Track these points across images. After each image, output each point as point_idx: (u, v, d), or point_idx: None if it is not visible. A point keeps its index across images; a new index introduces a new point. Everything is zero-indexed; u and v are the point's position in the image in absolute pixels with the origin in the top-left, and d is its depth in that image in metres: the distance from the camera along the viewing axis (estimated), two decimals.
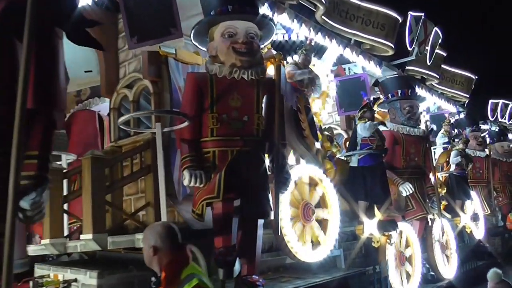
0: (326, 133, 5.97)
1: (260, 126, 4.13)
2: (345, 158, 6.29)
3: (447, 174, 8.89)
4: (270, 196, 4.08)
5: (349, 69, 8.43)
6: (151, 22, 4.38)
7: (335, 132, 7.69)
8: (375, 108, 7.72)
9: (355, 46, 7.84)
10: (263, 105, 4.20)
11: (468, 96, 12.33)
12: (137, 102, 5.10)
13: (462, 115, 11.63)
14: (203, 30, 4.24)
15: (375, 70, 8.36)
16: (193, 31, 4.24)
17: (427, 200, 7.16)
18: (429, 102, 10.73)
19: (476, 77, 12.56)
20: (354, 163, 6.06)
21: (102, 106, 7.09)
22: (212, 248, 3.89)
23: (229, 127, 3.99)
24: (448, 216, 8.36)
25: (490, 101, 14.46)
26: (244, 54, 4.05)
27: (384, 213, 5.97)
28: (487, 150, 11.01)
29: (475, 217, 9.20)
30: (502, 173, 11.90)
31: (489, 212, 10.25)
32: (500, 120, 14.47)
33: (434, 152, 9.50)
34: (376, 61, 8.28)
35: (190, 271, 2.61)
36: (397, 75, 8.26)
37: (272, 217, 4.07)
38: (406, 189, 6.70)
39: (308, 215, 4.90)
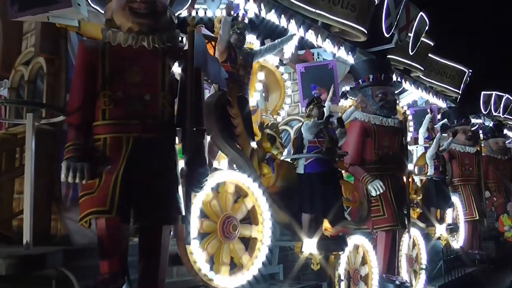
0: (267, 130, 4.84)
1: (167, 107, 3.31)
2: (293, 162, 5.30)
3: (424, 178, 8.00)
4: (180, 196, 3.26)
5: (318, 55, 7.48)
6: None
7: (281, 128, 6.82)
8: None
9: (321, 28, 6.87)
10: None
11: (459, 91, 11.36)
12: (33, 83, 4.28)
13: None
14: None
15: (347, 58, 7.36)
16: None
17: (404, 206, 6.27)
18: (415, 96, 9.88)
19: (470, 70, 11.62)
20: (300, 169, 5.07)
21: None
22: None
23: (126, 108, 3.21)
24: (422, 225, 7.47)
25: (483, 93, 13.47)
26: (143, 16, 3.26)
27: (336, 228, 5.13)
28: (482, 147, 10.15)
29: (453, 228, 8.27)
30: (497, 172, 10.96)
31: (477, 217, 9.27)
32: (494, 114, 13.51)
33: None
34: (348, 47, 7.28)
35: None
36: (368, 59, 7.29)
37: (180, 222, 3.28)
38: (376, 187, 5.83)
39: (228, 231, 3.99)
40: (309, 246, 4.79)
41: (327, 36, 6.93)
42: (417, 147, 8.98)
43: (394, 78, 7.84)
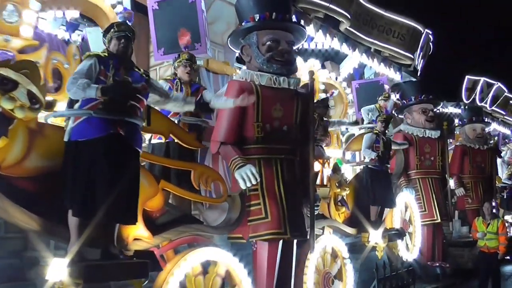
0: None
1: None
2: None
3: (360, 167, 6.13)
4: None
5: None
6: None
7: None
8: None
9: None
10: None
11: (412, 56, 8.98)
12: None
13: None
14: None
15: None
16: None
17: (304, 204, 4.40)
18: (354, 62, 7.98)
19: (427, 30, 9.31)
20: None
21: None
22: None
23: None
24: (350, 231, 5.54)
25: (467, 77, 11.34)
26: None
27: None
28: (456, 134, 8.09)
29: (395, 234, 6.22)
30: (474, 164, 8.90)
31: (438, 219, 7.25)
32: (478, 104, 11.38)
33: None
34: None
35: None
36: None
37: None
38: (245, 176, 3.94)
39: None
40: None
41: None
42: (359, 129, 7.05)
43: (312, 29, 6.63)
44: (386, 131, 6.26)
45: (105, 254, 2.98)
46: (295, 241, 4.31)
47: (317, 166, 5.33)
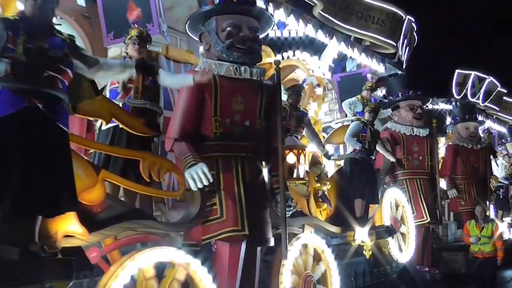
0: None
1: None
2: None
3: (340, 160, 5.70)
4: None
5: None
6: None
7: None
8: None
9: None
10: None
11: (395, 44, 8.41)
12: None
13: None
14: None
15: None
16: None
17: (264, 204, 3.97)
18: (333, 52, 7.57)
19: (409, 17, 8.72)
20: None
21: None
22: None
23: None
24: (334, 230, 5.11)
25: (457, 71, 10.93)
26: None
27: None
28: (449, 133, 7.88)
29: (383, 232, 5.78)
30: (467, 165, 8.43)
31: (427, 219, 6.84)
32: (471, 99, 10.96)
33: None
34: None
35: None
36: None
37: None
38: (195, 176, 3.52)
39: None
40: None
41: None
42: (336, 123, 6.71)
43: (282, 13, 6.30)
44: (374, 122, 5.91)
45: (23, 252, 2.55)
46: (258, 248, 3.92)
47: (292, 157, 4.97)
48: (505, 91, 12.61)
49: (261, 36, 4.16)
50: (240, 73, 3.79)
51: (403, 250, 6.33)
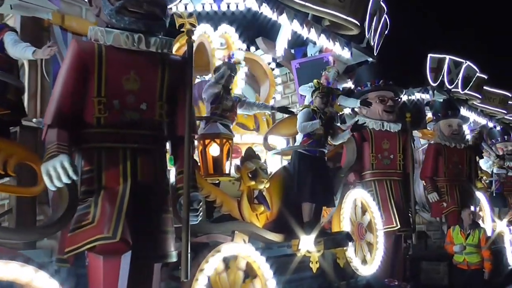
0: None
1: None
2: None
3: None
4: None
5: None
6: None
7: None
8: None
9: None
10: None
11: (357, 23, 7.34)
12: None
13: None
14: None
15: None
16: None
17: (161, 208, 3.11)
18: (287, 33, 6.79)
19: None
20: None
21: None
22: None
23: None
24: (275, 238, 4.32)
25: (430, 56, 10.09)
26: None
27: None
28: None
29: (343, 238, 4.94)
30: (450, 165, 7.68)
31: (397, 226, 6.04)
32: (448, 87, 10.12)
33: None
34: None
35: None
36: None
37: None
38: (51, 172, 2.67)
39: None
40: None
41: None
42: (297, 110, 5.94)
43: None
44: (327, 109, 5.09)
45: None
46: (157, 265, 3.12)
47: (215, 149, 4.22)
48: (485, 76, 11.68)
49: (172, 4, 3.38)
50: (132, 42, 2.96)
51: (368, 262, 5.51)
